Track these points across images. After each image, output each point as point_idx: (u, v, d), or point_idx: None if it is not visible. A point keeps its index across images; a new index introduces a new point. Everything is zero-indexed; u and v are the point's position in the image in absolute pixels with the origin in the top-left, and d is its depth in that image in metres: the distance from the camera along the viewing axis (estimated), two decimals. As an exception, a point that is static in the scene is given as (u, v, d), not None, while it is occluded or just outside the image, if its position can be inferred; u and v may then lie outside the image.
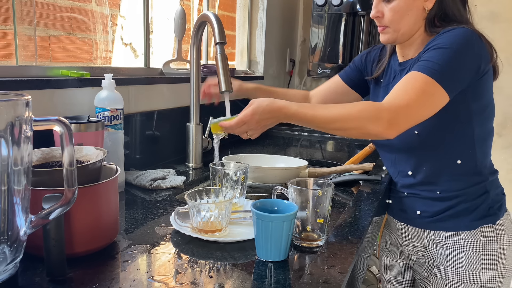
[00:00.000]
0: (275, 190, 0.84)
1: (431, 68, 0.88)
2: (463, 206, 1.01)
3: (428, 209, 1.05)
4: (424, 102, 0.88)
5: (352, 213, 0.94)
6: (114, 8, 1.37)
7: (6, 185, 0.53)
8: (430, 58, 0.90)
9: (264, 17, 2.17)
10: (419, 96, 0.87)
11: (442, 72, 0.87)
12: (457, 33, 0.91)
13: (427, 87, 0.87)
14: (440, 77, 0.87)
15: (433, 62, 0.89)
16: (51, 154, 0.77)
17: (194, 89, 1.35)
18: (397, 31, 1.01)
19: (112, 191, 0.74)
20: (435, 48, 0.91)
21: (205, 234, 0.79)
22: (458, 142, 0.99)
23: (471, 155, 1.00)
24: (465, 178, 1.01)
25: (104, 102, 1.02)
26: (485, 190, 1.01)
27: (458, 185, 1.01)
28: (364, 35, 2.17)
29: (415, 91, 0.87)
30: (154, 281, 0.64)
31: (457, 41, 0.90)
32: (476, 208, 1.00)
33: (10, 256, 0.56)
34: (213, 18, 1.15)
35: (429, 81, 0.87)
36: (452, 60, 0.88)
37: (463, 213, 1.01)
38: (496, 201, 1.02)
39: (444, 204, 1.03)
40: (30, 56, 1.09)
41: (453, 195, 1.02)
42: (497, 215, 1.01)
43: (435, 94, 0.88)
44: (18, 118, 0.53)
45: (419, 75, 0.88)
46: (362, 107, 0.87)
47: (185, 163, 1.38)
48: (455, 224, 1.02)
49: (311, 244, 0.78)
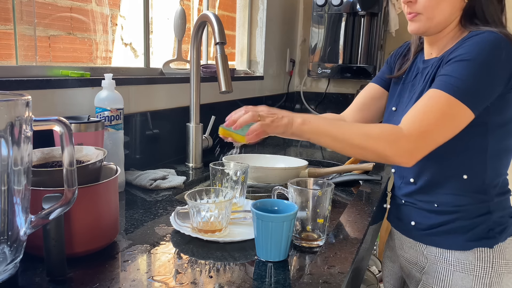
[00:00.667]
0: (275, 190, 0.84)
1: (453, 85, 0.80)
2: (459, 224, 0.92)
3: (422, 221, 0.98)
4: (445, 125, 0.81)
5: (352, 213, 0.94)
6: (114, 8, 1.37)
7: (6, 185, 0.53)
8: (452, 72, 0.82)
9: (264, 17, 2.17)
10: (439, 119, 0.80)
11: (465, 88, 0.80)
12: (482, 40, 0.82)
13: (448, 108, 0.80)
14: (464, 95, 0.79)
15: (455, 78, 0.81)
16: (51, 154, 0.77)
17: (194, 89, 1.35)
18: (430, 20, 0.89)
19: (112, 191, 0.74)
20: (457, 60, 0.82)
21: (205, 234, 0.79)
22: (468, 155, 0.90)
23: (480, 172, 0.91)
24: (468, 194, 0.92)
25: (104, 102, 1.02)
26: (487, 210, 0.92)
27: (458, 200, 0.92)
28: (364, 35, 2.17)
29: (435, 115, 0.80)
30: (154, 281, 0.64)
31: (482, 50, 0.81)
32: (473, 227, 0.91)
33: (10, 256, 0.56)
34: (213, 18, 1.15)
35: (451, 101, 0.80)
36: (476, 74, 0.80)
37: (459, 231, 0.93)
38: (499, 223, 0.92)
39: (440, 218, 0.94)
40: (30, 56, 1.09)
41: (451, 210, 0.93)
42: (496, 238, 0.91)
43: (458, 115, 0.80)
44: (18, 118, 0.53)
45: (440, 94, 0.81)
46: (383, 129, 0.82)
47: (185, 163, 1.38)
48: (449, 241, 0.94)
49: (311, 244, 0.78)
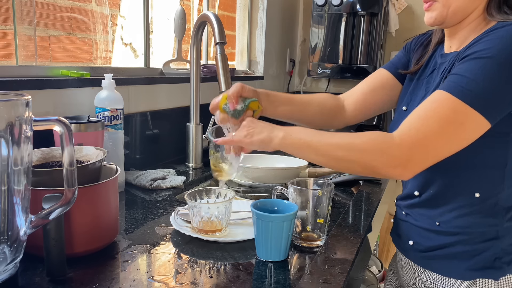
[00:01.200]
0: (275, 190, 0.84)
1: (465, 87, 0.68)
2: (461, 248, 0.79)
3: (421, 241, 0.85)
4: (449, 134, 0.68)
5: (352, 213, 0.94)
6: (114, 8, 1.37)
7: (6, 185, 0.53)
8: (465, 72, 0.69)
9: (264, 17, 2.17)
10: (442, 127, 0.68)
11: (479, 92, 0.67)
12: (508, 34, 0.68)
13: (454, 114, 0.68)
14: (477, 100, 0.67)
15: (468, 79, 0.68)
16: (51, 154, 0.77)
17: (194, 89, 1.35)
18: (446, 7, 0.77)
19: (112, 191, 0.74)
20: (474, 57, 0.69)
21: (205, 234, 0.79)
22: (483, 171, 0.76)
23: (496, 191, 0.76)
24: (476, 216, 0.78)
25: (104, 102, 1.02)
26: (495, 235, 0.77)
27: (463, 221, 0.79)
28: (364, 35, 2.17)
29: (437, 120, 0.68)
30: (154, 281, 0.64)
31: (506, 46, 0.67)
32: (477, 254, 0.78)
33: (10, 256, 0.56)
34: (213, 18, 1.15)
35: (459, 106, 0.67)
36: (496, 75, 0.67)
37: (460, 257, 0.79)
38: (508, 252, 0.77)
39: (440, 240, 0.81)
40: (30, 56, 1.09)
41: (453, 231, 0.80)
42: (503, 269, 0.77)
43: (467, 123, 0.68)
44: (18, 118, 0.53)
45: (446, 97, 0.68)
46: (371, 137, 0.72)
47: (185, 163, 1.38)
48: (448, 267, 0.81)
49: (311, 244, 0.78)
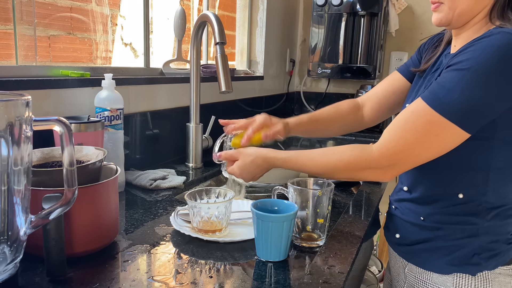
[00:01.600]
0: (275, 190, 0.84)
1: (442, 99, 0.69)
2: (442, 243, 0.82)
3: (406, 235, 0.89)
4: (426, 144, 0.71)
5: (352, 213, 0.94)
6: (114, 8, 1.37)
7: (6, 185, 0.53)
8: (445, 82, 0.70)
9: (264, 17, 2.17)
10: (418, 139, 0.71)
11: (456, 105, 0.68)
12: (491, 45, 0.67)
13: (431, 126, 0.70)
14: (453, 113, 0.68)
15: (447, 91, 0.69)
16: (51, 154, 0.77)
17: (194, 89, 1.35)
18: (452, 9, 0.78)
19: (112, 191, 0.74)
20: (455, 69, 0.70)
21: (205, 234, 0.79)
22: (466, 173, 0.79)
23: (479, 193, 0.79)
24: (458, 214, 0.81)
25: (104, 102, 1.02)
26: (475, 233, 0.80)
27: (446, 218, 0.82)
28: (364, 35, 2.17)
29: (413, 133, 0.71)
30: (154, 281, 0.64)
31: (486, 58, 0.67)
32: (457, 250, 0.81)
33: (10, 256, 0.56)
34: (213, 18, 1.15)
35: (435, 118, 0.69)
36: (474, 88, 0.67)
37: (441, 251, 0.82)
38: (487, 249, 0.79)
39: (423, 234, 0.85)
40: (30, 56, 1.09)
41: (434, 226, 0.83)
42: (480, 266, 0.79)
43: (444, 134, 0.70)
44: (18, 118, 0.53)
45: (424, 109, 0.70)
46: (349, 156, 0.79)
47: (185, 163, 1.38)
48: (429, 261, 0.84)
49: (311, 244, 0.78)
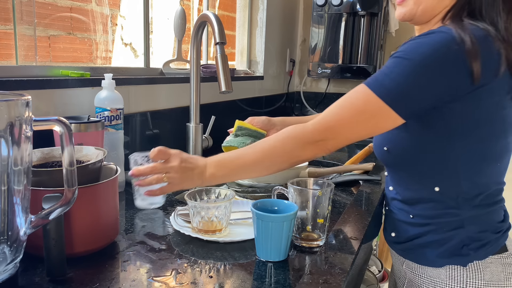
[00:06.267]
0: (275, 190, 0.84)
1: (380, 82, 0.74)
2: (432, 237, 0.84)
3: (400, 233, 0.91)
4: (360, 122, 0.75)
5: (352, 213, 0.94)
6: (114, 8, 1.37)
7: (6, 185, 0.53)
8: (385, 68, 0.75)
9: (264, 17, 2.17)
10: (353, 116, 0.75)
11: (391, 88, 0.72)
12: (429, 41, 0.72)
13: (366, 105, 0.74)
14: (388, 95, 0.72)
15: (384, 75, 0.74)
16: (51, 154, 0.77)
17: (194, 89, 1.35)
18: (417, 5, 0.82)
19: (112, 191, 0.74)
20: (395, 56, 0.75)
21: (205, 234, 0.79)
22: (436, 166, 0.81)
23: (453, 185, 0.81)
24: (440, 207, 0.83)
25: (104, 102, 1.02)
26: (461, 224, 0.82)
27: (431, 213, 0.84)
28: (364, 35, 2.17)
29: (350, 110, 0.76)
30: (154, 281, 0.64)
31: (424, 51, 0.71)
32: (446, 242, 0.83)
33: (10, 256, 0.56)
34: (213, 18, 1.15)
35: (371, 98, 0.73)
36: (408, 75, 0.72)
37: (432, 246, 0.85)
38: (475, 239, 0.81)
39: (415, 230, 0.87)
40: (30, 56, 1.09)
41: (423, 222, 0.86)
42: (470, 256, 0.81)
43: (379, 115, 0.74)
44: (18, 118, 0.53)
45: (363, 89, 0.75)
46: (285, 137, 0.80)
47: (185, 163, 1.37)
48: (422, 256, 0.87)
49: (311, 244, 0.78)
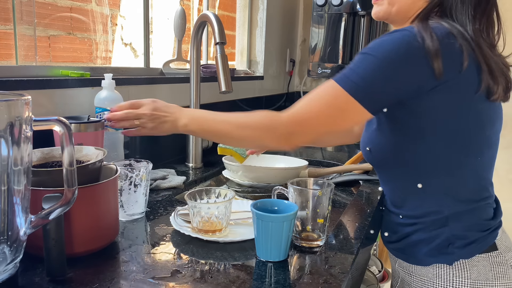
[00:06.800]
0: (275, 190, 0.84)
1: (348, 77, 0.76)
2: (419, 236, 0.86)
3: (392, 233, 0.93)
4: (329, 116, 0.77)
5: (352, 213, 0.94)
6: (114, 8, 1.37)
7: (6, 185, 0.53)
8: (353, 63, 0.77)
9: (264, 17, 2.17)
10: (322, 110, 0.77)
11: (358, 82, 0.74)
12: (392, 39, 0.74)
13: (335, 100, 0.76)
14: (355, 89, 0.74)
15: (351, 70, 0.76)
16: (51, 154, 0.77)
17: (194, 89, 1.35)
18: (391, 5, 0.85)
19: (112, 191, 0.74)
20: (361, 52, 0.77)
21: (205, 234, 0.79)
22: (416, 162, 0.83)
23: (433, 180, 0.83)
24: (425, 205, 0.85)
25: (104, 102, 1.02)
26: (444, 222, 0.83)
27: (417, 212, 0.86)
28: (364, 35, 2.17)
29: (319, 104, 0.77)
30: (154, 281, 0.64)
31: (388, 48, 0.73)
32: (432, 241, 0.84)
33: (10, 256, 0.56)
34: (213, 18, 1.15)
35: (339, 92, 0.75)
36: (375, 70, 0.74)
37: (420, 245, 0.86)
38: (460, 237, 0.83)
39: (404, 230, 0.89)
40: (30, 56, 1.09)
41: (411, 222, 0.87)
42: (455, 254, 0.82)
43: (347, 109, 0.76)
44: (18, 118, 0.53)
45: (332, 84, 0.77)
46: (261, 117, 0.82)
47: (185, 163, 1.38)
48: (411, 255, 0.88)
49: (311, 244, 0.78)
